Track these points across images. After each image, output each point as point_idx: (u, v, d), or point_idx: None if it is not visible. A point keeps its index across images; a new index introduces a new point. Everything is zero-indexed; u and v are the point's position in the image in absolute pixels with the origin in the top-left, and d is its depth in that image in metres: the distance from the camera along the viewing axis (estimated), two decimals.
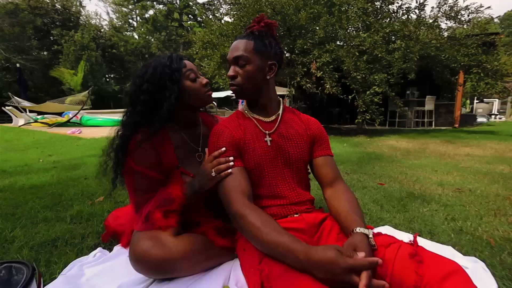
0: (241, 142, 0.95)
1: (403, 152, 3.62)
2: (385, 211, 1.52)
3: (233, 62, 0.93)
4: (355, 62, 5.19)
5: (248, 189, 0.89)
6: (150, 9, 26.65)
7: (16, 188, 1.96)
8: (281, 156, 0.96)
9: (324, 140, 1.04)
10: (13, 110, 9.64)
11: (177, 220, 0.95)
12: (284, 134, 0.98)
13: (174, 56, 1.02)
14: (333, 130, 7.03)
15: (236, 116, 1.03)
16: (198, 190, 0.97)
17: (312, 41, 5.42)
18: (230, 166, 0.89)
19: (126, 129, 0.95)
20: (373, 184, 2.08)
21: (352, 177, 2.32)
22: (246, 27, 0.98)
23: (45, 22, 21.80)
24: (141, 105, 0.95)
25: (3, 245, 1.15)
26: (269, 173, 0.95)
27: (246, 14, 5.47)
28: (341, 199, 0.91)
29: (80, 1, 24.70)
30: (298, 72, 5.48)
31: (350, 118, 9.94)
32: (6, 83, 18.02)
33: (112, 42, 24.45)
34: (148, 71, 0.96)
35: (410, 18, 6.07)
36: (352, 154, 3.48)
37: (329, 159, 1.02)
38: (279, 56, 0.96)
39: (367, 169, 2.60)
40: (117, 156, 0.96)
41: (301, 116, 1.07)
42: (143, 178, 0.97)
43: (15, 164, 2.81)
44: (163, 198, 0.96)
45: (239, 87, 0.94)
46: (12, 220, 1.40)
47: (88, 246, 1.16)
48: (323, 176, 0.99)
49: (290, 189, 0.96)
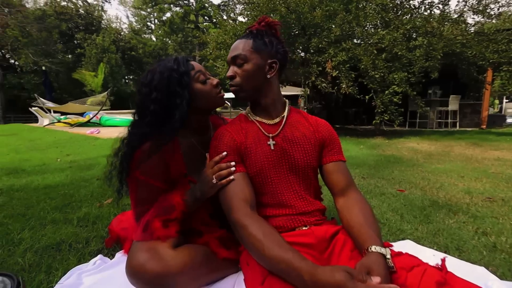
0: (242, 147, 0.88)
1: (425, 156, 3.41)
2: (406, 222, 1.39)
3: (232, 62, 0.88)
4: (373, 60, 4.98)
5: (251, 196, 0.82)
6: (167, 11, 27.27)
7: (31, 188, 2.00)
8: (285, 161, 0.89)
9: (335, 143, 0.95)
10: (38, 110, 10.15)
11: (177, 230, 0.89)
12: (289, 138, 0.90)
13: (180, 59, 0.94)
14: (349, 131, 6.81)
15: (239, 120, 0.97)
16: (199, 198, 0.91)
17: (328, 39, 5.26)
18: (231, 171, 0.83)
19: (134, 140, 0.88)
20: (392, 190, 1.94)
21: (369, 182, 2.19)
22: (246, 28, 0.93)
23: (69, 26, 22.88)
24: (151, 116, 0.87)
25: (9, 247, 1.15)
26: (273, 179, 0.87)
27: (260, 14, 5.39)
28: (354, 210, 0.83)
29: (101, 5, 25.73)
30: (313, 72, 5.34)
31: (367, 119, 9.63)
32: (34, 85, 19.07)
33: (131, 45, 25.26)
34: (155, 78, 0.88)
35: (433, 13, 5.75)
36: (369, 157, 3.31)
37: (340, 164, 0.93)
38: (282, 55, 0.90)
39: (385, 174, 2.45)
40: (122, 165, 0.90)
41: (309, 118, 0.99)
42: (147, 187, 0.91)
43: (34, 163, 2.91)
44: (163, 206, 0.91)
45: (238, 87, 0.88)
46: (22, 221, 1.41)
47: (91, 251, 1.13)
48: (334, 183, 0.91)
49: (298, 197, 0.89)
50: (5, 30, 18.41)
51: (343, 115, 10.62)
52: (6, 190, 1.96)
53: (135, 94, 0.97)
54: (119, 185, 0.93)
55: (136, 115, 0.95)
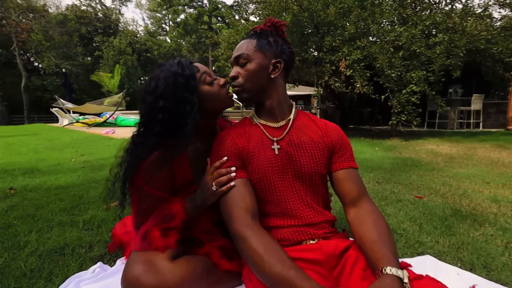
0: (245, 151, 0.83)
1: (446, 159, 3.21)
2: (425, 233, 1.28)
3: (235, 62, 0.85)
4: (389, 58, 4.78)
5: (253, 205, 0.77)
6: (181, 13, 27.71)
7: (43, 189, 2.04)
8: (291, 167, 0.82)
9: (346, 149, 0.88)
10: (58, 111, 10.56)
11: (177, 239, 0.84)
12: (296, 142, 0.84)
13: (184, 62, 0.89)
14: (364, 132, 6.60)
15: (243, 123, 0.92)
16: (200, 206, 0.87)
17: (342, 37, 5.11)
18: (231, 177, 0.78)
19: (142, 151, 0.82)
20: (409, 197, 1.82)
21: (384, 187, 2.07)
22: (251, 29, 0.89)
23: (89, 30, 23.76)
24: (160, 126, 0.81)
25: (14, 250, 1.15)
26: (277, 186, 0.81)
27: (272, 13, 5.32)
28: (367, 223, 0.75)
29: (119, 9, 26.52)
30: (326, 71, 5.21)
31: (383, 119, 9.32)
32: (56, 87, 19.96)
33: (146, 46, 25.88)
34: (159, 85, 0.82)
35: (455, 8, 5.46)
36: (385, 160, 3.16)
37: (352, 172, 0.86)
38: (287, 56, 0.86)
39: (402, 178, 2.31)
40: (126, 176, 0.86)
41: (317, 121, 0.92)
42: (151, 198, 0.87)
43: (49, 163, 2.99)
44: (163, 215, 0.86)
45: (240, 87, 0.84)
46: (31, 223, 1.42)
47: (93, 257, 1.11)
48: (345, 193, 0.84)
49: (304, 206, 0.82)
50: (29, 34, 19.35)
51: (358, 115, 10.35)
52: (20, 190, 2.01)
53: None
54: (122, 197, 0.89)
55: (141, 125, 0.89)
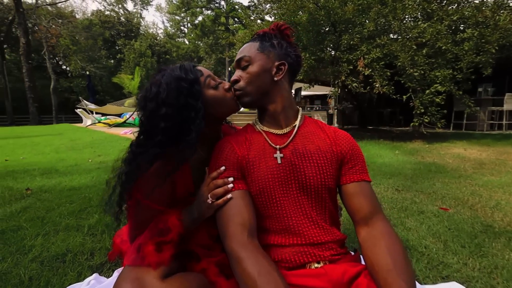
0: (244, 161, 0.76)
1: (475, 164, 2.95)
2: (451, 253, 1.14)
3: (237, 66, 0.80)
4: (411, 56, 4.52)
5: (250, 220, 0.70)
6: (199, 15, 28.21)
7: (57, 190, 2.08)
8: (295, 178, 0.74)
9: (357, 160, 0.78)
10: (82, 111, 11.06)
11: (172, 254, 0.78)
12: (301, 151, 0.76)
13: (187, 65, 0.83)
14: (384, 133, 6.31)
15: (245, 130, 0.86)
16: (197, 218, 0.80)
17: (360, 35, 4.90)
18: (228, 189, 0.72)
19: (143, 162, 0.77)
20: (433, 208, 1.66)
21: (404, 196, 1.91)
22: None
23: (112, 34, 24.83)
24: (162, 134, 0.76)
25: (18, 255, 1.15)
26: (279, 199, 0.74)
27: (287, 12, 5.21)
28: (380, 247, 0.66)
29: (140, 13, 27.46)
30: (343, 71, 5.02)
31: (404, 120, 8.89)
32: (81, 88, 21.06)
33: (166, 49, 26.61)
34: (161, 91, 0.77)
35: (486, 1, 5.06)
36: (406, 165, 2.96)
37: (364, 186, 0.76)
38: (293, 59, 0.80)
39: (425, 186, 2.13)
40: (124, 188, 0.80)
41: (326, 129, 0.83)
42: (149, 212, 0.81)
43: (68, 163, 3.08)
44: (158, 228, 0.81)
45: (241, 91, 0.78)
46: (39, 226, 1.43)
47: (92, 265, 1.09)
48: (355, 209, 0.74)
49: (309, 223, 0.74)
50: (58, 39, 20.52)
51: (377, 115, 9.96)
52: (35, 191, 2.06)
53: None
54: (118, 210, 0.84)
55: (141, 134, 0.84)
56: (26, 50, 16.21)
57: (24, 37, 16.08)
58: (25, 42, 16.13)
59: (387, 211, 1.64)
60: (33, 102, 16.55)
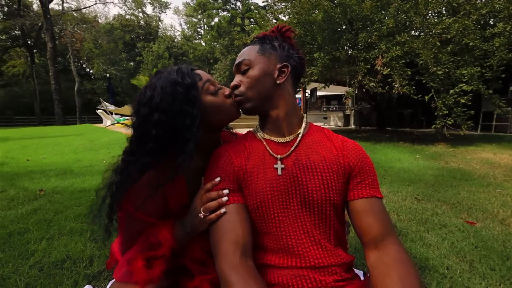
0: (241, 171, 0.70)
1: (506, 171, 2.70)
2: (478, 276, 1.01)
3: (236, 70, 0.75)
4: (434, 54, 4.25)
5: (245, 237, 0.63)
6: (215, 16, 28.55)
7: (68, 191, 2.11)
8: (296, 192, 0.67)
9: (367, 173, 0.70)
10: (103, 112, 11.51)
11: (163, 270, 0.73)
12: (303, 162, 0.68)
13: (184, 68, 0.77)
14: (404, 135, 6.01)
15: (245, 137, 0.79)
16: (190, 233, 0.74)
17: (379, 33, 4.68)
18: (222, 203, 0.66)
19: (133, 171, 0.72)
20: (457, 221, 1.51)
21: (424, 206, 1.76)
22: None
23: (132, 37, 25.76)
24: (154, 142, 0.71)
25: (19, 260, 1.15)
26: (278, 215, 0.67)
27: (301, 10, 5.09)
28: (392, 277, 0.57)
29: (159, 16, 28.26)
30: (359, 70, 4.82)
31: (426, 121, 8.45)
32: (103, 90, 21.96)
33: (183, 50, 27.17)
34: (155, 95, 0.72)
35: None
36: (427, 170, 2.76)
37: (374, 203, 0.67)
38: (296, 61, 0.74)
39: (449, 196, 1.96)
40: (114, 199, 0.76)
41: (333, 138, 0.75)
42: (140, 224, 0.76)
43: (83, 164, 3.16)
44: (149, 241, 0.76)
45: (242, 96, 0.72)
46: (45, 229, 1.44)
47: (89, 274, 1.06)
48: (364, 230, 0.66)
49: (311, 242, 0.66)
50: (82, 43, 21.54)
51: (397, 116, 9.55)
52: (48, 192, 2.11)
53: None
54: (108, 222, 0.79)
55: (133, 140, 0.79)
56: (52, 54, 17.14)
57: (51, 42, 17.01)
58: (52, 47, 17.06)
59: (404, 224, 1.50)
60: (58, 103, 17.46)
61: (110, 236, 0.81)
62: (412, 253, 1.18)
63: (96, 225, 0.78)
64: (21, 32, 20.43)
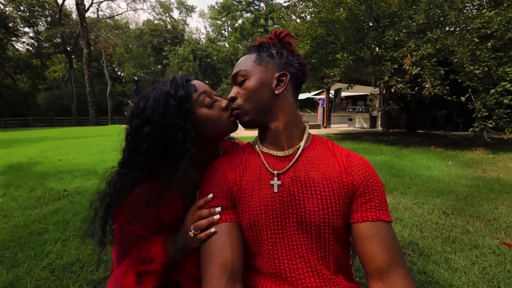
0: (235, 188, 0.65)
1: None
2: None
3: (233, 82, 0.70)
4: (472, 51, 3.89)
5: (234, 260, 0.59)
6: (239, 18, 28.89)
7: (89, 193, 2.21)
8: (292, 212, 0.61)
9: (373, 193, 0.62)
10: None
11: (154, 286, 0.70)
12: (302, 179, 0.62)
13: (178, 79, 0.74)
14: (436, 139, 5.58)
15: (243, 150, 0.74)
16: (182, 249, 0.71)
17: (407, 30, 4.39)
18: (213, 221, 0.62)
19: (124, 185, 0.71)
20: (491, 242, 1.33)
21: (454, 222, 1.58)
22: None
23: (159, 41, 26.89)
24: (144, 156, 0.70)
25: (33, 261, 1.20)
26: (271, 237, 0.61)
27: (323, 9, 4.93)
28: None
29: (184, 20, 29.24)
30: (386, 70, 4.55)
31: (463, 123, 7.78)
32: (133, 92, 23.15)
33: (207, 53, 27.84)
34: (148, 106, 0.69)
35: None
36: (460, 180, 2.51)
37: (380, 227, 0.59)
38: (296, 68, 0.69)
39: (484, 211, 1.75)
40: (107, 213, 0.75)
41: (337, 153, 0.67)
42: (133, 237, 0.75)
43: (107, 165, 3.31)
44: (141, 256, 0.74)
45: (240, 109, 0.68)
46: (62, 230, 1.51)
47: (93, 280, 1.08)
48: (367, 258, 0.58)
49: (306, 269, 0.60)
50: (114, 48, 22.93)
51: (430, 118, 8.94)
52: (71, 192, 2.22)
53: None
54: (102, 235, 0.78)
55: (126, 152, 0.77)
56: (88, 59, 18.46)
57: (86, 48, 18.33)
58: (87, 53, 18.37)
59: (427, 242, 1.35)
60: (92, 105, 18.75)
61: (104, 249, 0.80)
62: (434, 278, 1.05)
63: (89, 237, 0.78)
64: (61, 40, 22.31)
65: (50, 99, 23.38)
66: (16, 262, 1.20)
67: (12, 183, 2.51)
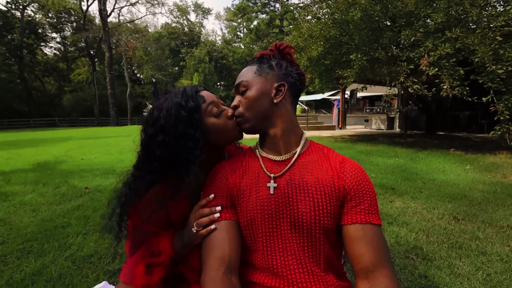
0: (235, 189, 0.71)
1: None
2: None
3: (236, 91, 0.77)
4: (494, 50, 3.72)
5: (231, 254, 0.65)
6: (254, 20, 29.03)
7: (108, 190, 2.36)
8: (286, 212, 0.66)
9: (364, 197, 0.66)
10: None
11: (161, 277, 0.78)
12: (297, 182, 0.67)
13: (188, 90, 0.82)
14: (457, 142, 5.36)
15: (244, 154, 0.81)
16: (187, 244, 0.78)
17: (425, 29, 4.26)
18: (214, 219, 0.68)
19: (139, 187, 0.79)
20: (500, 249, 1.30)
21: (463, 227, 1.55)
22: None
23: (177, 43, 27.58)
24: (157, 161, 0.77)
25: (58, 252, 1.33)
26: (266, 235, 0.67)
27: (336, 11, 4.89)
28: None
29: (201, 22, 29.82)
30: (401, 71, 4.44)
31: (488, 125, 7.40)
32: (151, 94, 23.91)
33: (223, 54, 28.21)
34: (161, 116, 0.76)
35: None
36: (476, 185, 2.43)
37: (369, 230, 0.63)
38: (294, 78, 0.75)
39: (497, 217, 1.70)
40: (123, 210, 0.85)
41: (332, 158, 0.72)
42: (145, 232, 0.84)
43: (125, 164, 3.49)
44: (151, 249, 0.82)
45: (241, 117, 0.74)
46: (83, 225, 1.64)
47: (109, 271, 1.18)
48: (354, 258, 0.62)
49: (297, 266, 0.65)
50: (134, 51, 23.80)
51: (452, 119, 8.56)
52: (92, 190, 2.38)
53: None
54: (118, 230, 0.87)
55: (141, 157, 0.86)
56: (109, 62, 19.29)
57: (108, 51, 19.16)
58: (108, 56, 19.21)
59: (433, 247, 1.35)
60: (113, 106, 19.55)
61: (119, 242, 0.89)
62: (435, 283, 1.05)
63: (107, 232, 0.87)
64: (85, 44, 23.49)
65: (74, 100, 24.69)
66: (43, 252, 1.33)
67: (40, 180, 2.72)
